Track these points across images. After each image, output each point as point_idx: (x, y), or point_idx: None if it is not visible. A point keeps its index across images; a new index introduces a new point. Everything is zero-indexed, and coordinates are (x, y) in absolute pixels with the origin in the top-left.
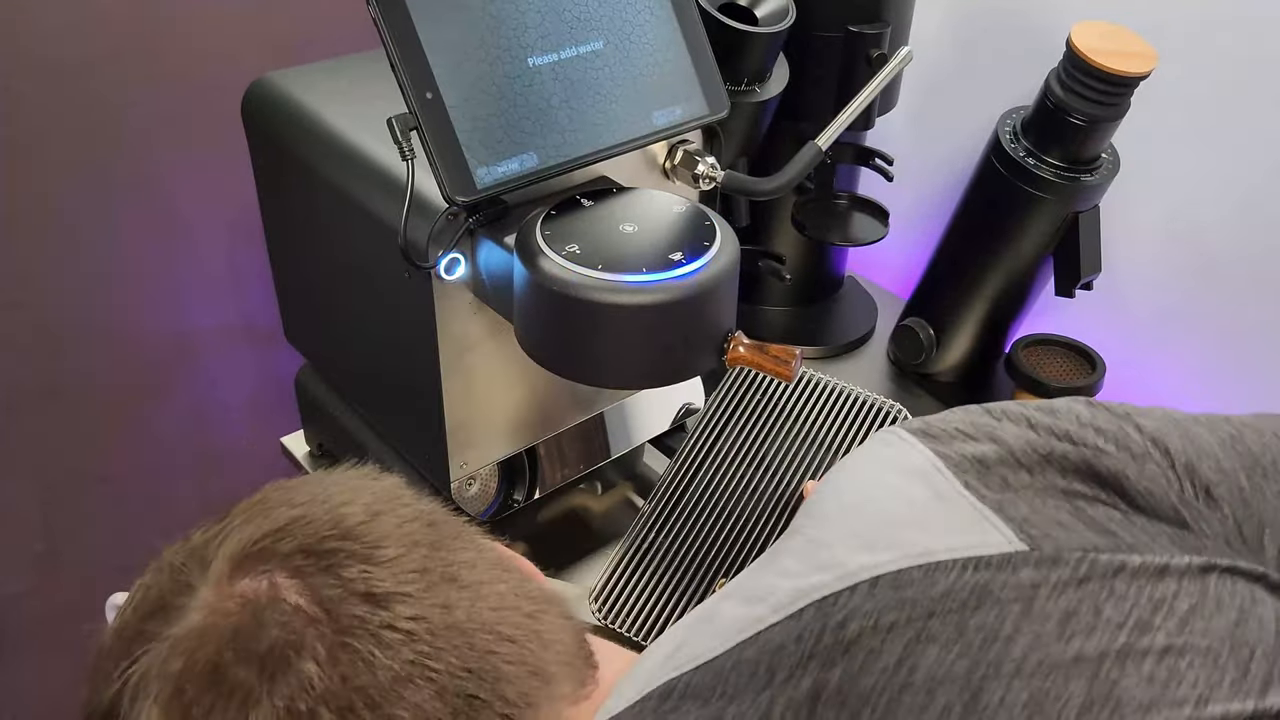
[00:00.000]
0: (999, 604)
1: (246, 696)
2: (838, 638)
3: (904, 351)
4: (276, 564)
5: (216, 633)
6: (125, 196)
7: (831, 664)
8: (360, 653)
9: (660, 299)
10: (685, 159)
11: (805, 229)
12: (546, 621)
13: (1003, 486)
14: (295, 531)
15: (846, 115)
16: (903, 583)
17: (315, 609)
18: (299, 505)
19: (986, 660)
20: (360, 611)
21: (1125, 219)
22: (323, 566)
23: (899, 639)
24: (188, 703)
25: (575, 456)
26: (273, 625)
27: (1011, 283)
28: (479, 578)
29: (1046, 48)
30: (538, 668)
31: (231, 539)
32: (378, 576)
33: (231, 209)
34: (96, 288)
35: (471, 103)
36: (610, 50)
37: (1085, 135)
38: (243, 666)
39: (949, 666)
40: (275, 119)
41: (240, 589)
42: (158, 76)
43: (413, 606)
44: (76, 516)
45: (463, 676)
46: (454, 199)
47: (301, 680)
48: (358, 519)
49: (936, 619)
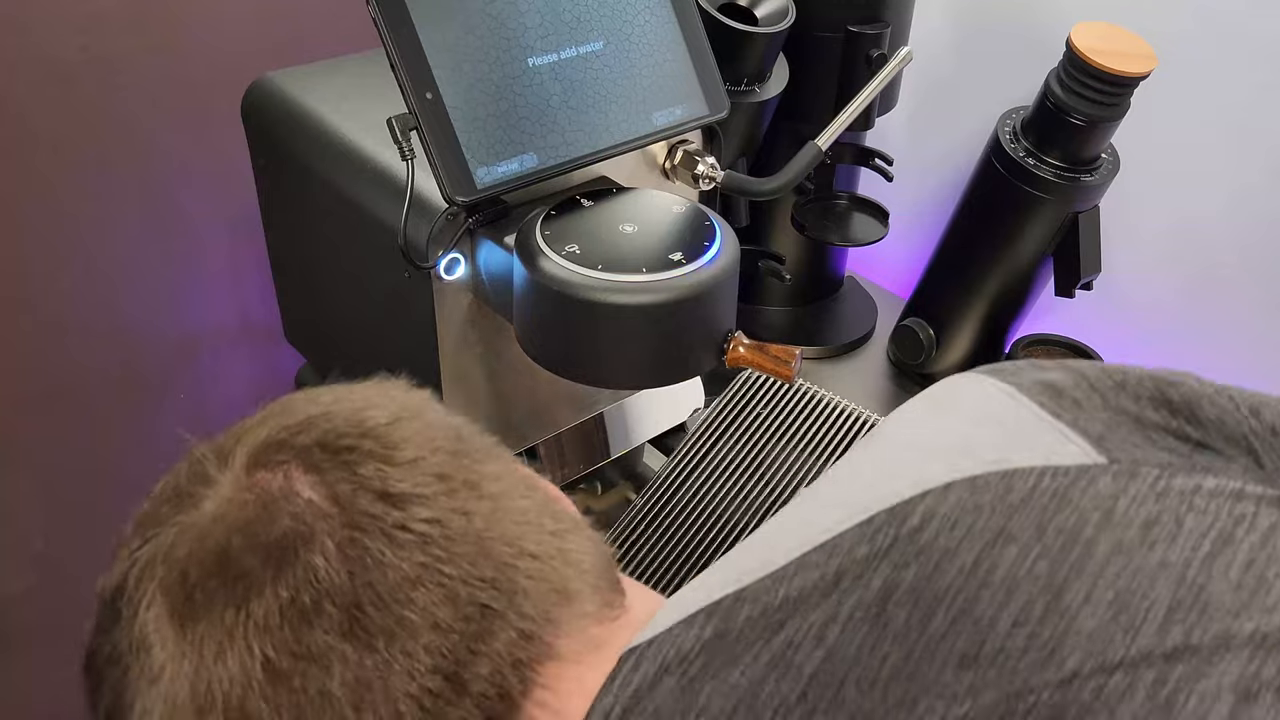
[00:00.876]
0: (1078, 510)
1: (250, 584)
2: (912, 540)
3: (904, 351)
4: (293, 458)
5: (227, 521)
6: (125, 196)
7: (904, 565)
8: (370, 550)
9: (660, 299)
10: (685, 159)
11: (805, 229)
12: (572, 540)
13: (1076, 408)
14: (315, 427)
15: (846, 115)
16: (979, 487)
17: (328, 504)
18: (322, 404)
19: (1068, 561)
20: (374, 509)
21: (1125, 219)
22: (339, 462)
23: (976, 540)
24: (191, 587)
25: (575, 456)
26: (284, 516)
27: (1011, 283)
28: (503, 489)
29: (1046, 48)
30: (560, 585)
31: (252, 433)
32: (395, 476)
33: (231, 209)
34: (97, 287)
35: (471, 103)
36: (610, 51)
37: (1085, 135)
38: (249, 554)
39: (1029, 567)
40: (275, 119)
41: (256, 481)
42: (158, 76)
43: (429, 509)
44: (76, 516)
45: (477, 585)
46: (454, 199)
47: (308, 572)
48: (380, 420)
49: (1015, 521)
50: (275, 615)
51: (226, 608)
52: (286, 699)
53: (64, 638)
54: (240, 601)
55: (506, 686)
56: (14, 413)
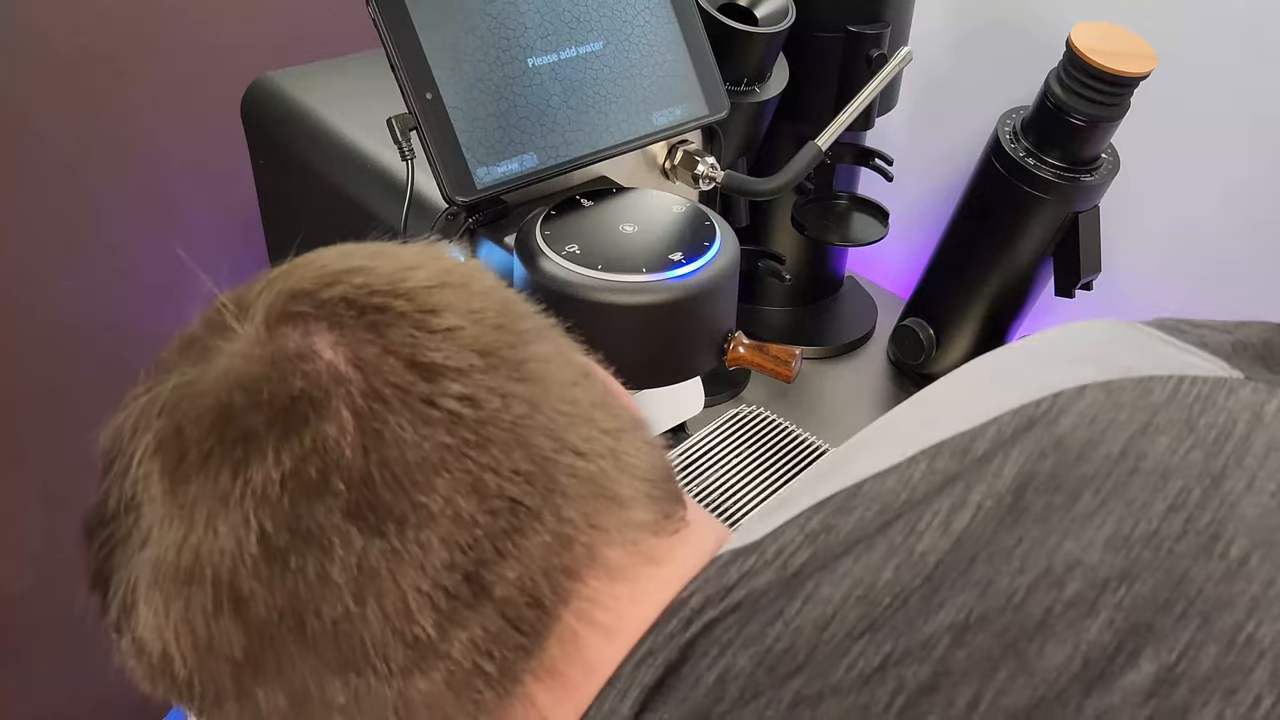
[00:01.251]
0: (1226, 410)
1: (250, 447)
2: (1048, 431)
3: (904, 351)
4: (317, 310)
5: (234, 375)
6: (125, 196)
7: (1041, 456)
8: (390, 424)
9: (660, 299)
10: (685, 159)
11: (805, 229)
12: (628, 441)
13: (1200, 338)
14: (346, 281)
15: (846, 115)
16: (1114, 390)
17: (348, 367)
18: (359, 258)
19: (1224, 452)
20: (399, 380)
21: (1125, 219)
22: (367, 322)
23: (1121, 432)
24: (184, 444)
25: None
26: (296, 376)
27: (1011, 283)
28: (550, 374)
29: (1046, 48)
30: (609, 489)
31: (278, 282)
32: (428, 344)
33: (231, 209)
34: (96, 287)
35: (471, 103)
36: (610, 51)
37: (1085, 135)
38: (253, 414)
39: (1183, 456)
40: (275, 119)
41: (274, 335)
42: (158, 76)
43: (463, 385)
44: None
45: (508, 477)
46: (454, 199)
47: (316, 441)
48: (420, 281)
49: (1161, 416)
50: (275, 485)
51: (222, 470)
52: (281, 579)
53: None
54: (238, 465)
55: (538, 594)
56: (14, 413)
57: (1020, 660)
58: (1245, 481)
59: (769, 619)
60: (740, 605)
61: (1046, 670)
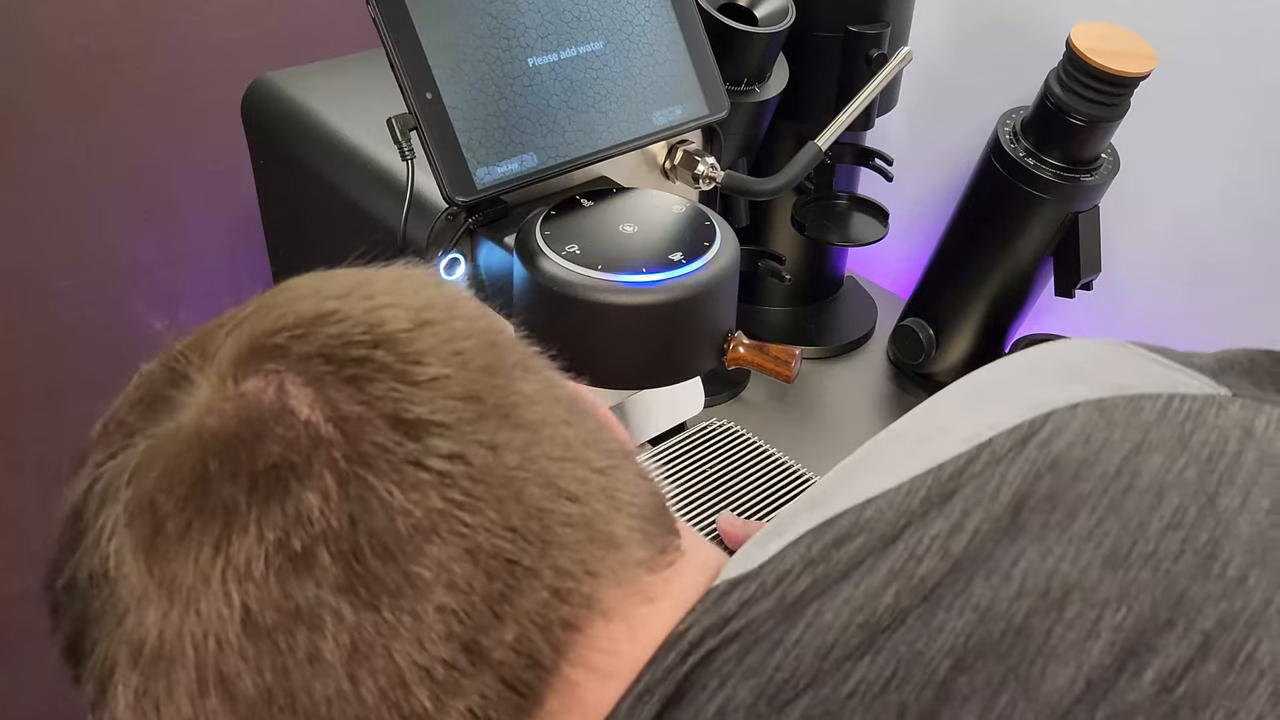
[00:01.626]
0: (1217, 428)
1: (231, 519)
2: (1043, 451)
3: (904, 351)
4: (291, 365)
5: (206, 438)
6: (125, 196)
7: (1037, 476)
8: (377, 490)
9: (660, 299)
10: (685, 159)
11: (805, 229)
12: (620, 478)
13: (1186, 358)
14: (320, 328)
15: (846, 115)
16: (1106, 408)
17: (329, 428)
18: (332, 298)
19: (1217, 470)
20: (384, 439)
21: (1125, 219)
22: (346, 376)
23: (1115, 451)
24: (160, 517)
25: None
26: (273, 440)
27: (1011, 283)
28: (541, 416)
29: (1046, 48)
30: (604, 532)
31: (244, 327)
32: (413, 398)
33: (231, 209)
34: (96, 287)
35: (471, 103)
36: (610, 50)
37: (1085, 135)
38: (230, 483)
39: (1178, 474)
40: (275, 119)
41: (244, 389)
42: (157, 76)
43: (451, 441)
44: None
45: (502, 536)
46: (454, 199)
47: (300, 512)
48: (400, 325)
49: (1153, 434)
50: (259, 560)
51: (202, 546)
52: (270, 659)
53: None
54: (219, 540)
55: (535, 653)
56: (14, 413)
57: (1022, 684)
58: (1240, 499)
59: (769, 648)
60: (739, 635)
61: (1049, 693)
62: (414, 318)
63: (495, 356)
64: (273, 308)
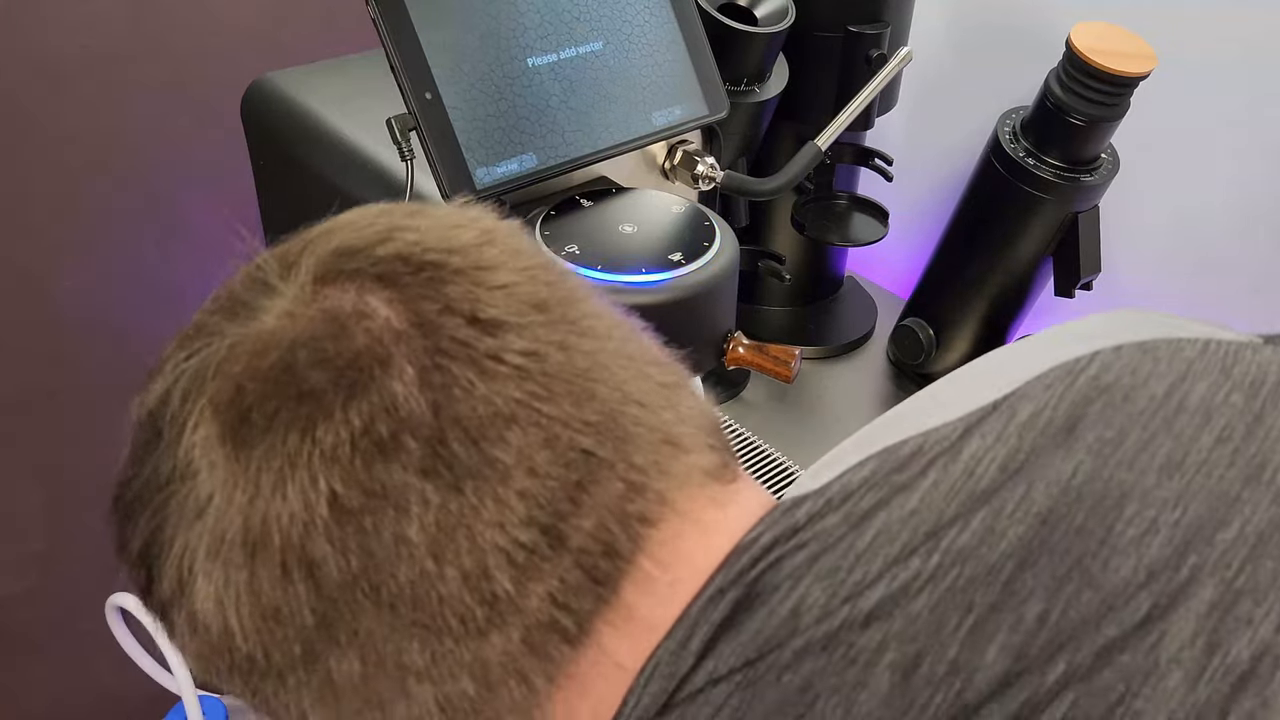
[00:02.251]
0: (1257, 363)
1: (318, 406)
2: (1093, 383)
3: (904, 351)
4: (369, 270)
5: (291, 334)
6: (125, 196)
7: (1088, 401)
8: (458, 379)
9: (660, 299)
10: (685, 159)
11: (805, 229)
12: (682, 395)
13: (1218, 325)
14: (396, 239)
15: (846, 115)
16: (1148, 348)
17: (408, 325)
18: (403, 216)
19: (1261, 395)
20: (463, 335)
21: (1125, 219)
22: (423, 279)
23: (1161, 380)
24: (247, 405)
25: None
26: (358, 334)
27: (1011, 283)
28: (605, 329)
29: (1046, 48)
30: (672, 436)
31: (322, 241)
32: (487, 300)
33: (231, 209)
34: (96, 287)
35: (471, 103)
36: (610, 50)
37: (1085, 135)
38: (317, 372)
39: (1224, 397)
40: (275, 119)
41: (324, 295)
42: (157, 76)
43: (526, 339)
44: (76, 516)
45: (579, 428)
46: (453, 199)
47: (385, 399)
48: (471, 238)
49: (1197, 366)
50: (346, 445)
51: (289, 431)
52: (356, 542)
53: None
54: (306, 426)
55: (613, 542)
56: (14, 413)
57: (1086, 576)
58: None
59: (841, 554)
60: (809, 543)
61: (1114, 583)
62: (481, 236)
63: (558, 274)
64: (348, 224)
